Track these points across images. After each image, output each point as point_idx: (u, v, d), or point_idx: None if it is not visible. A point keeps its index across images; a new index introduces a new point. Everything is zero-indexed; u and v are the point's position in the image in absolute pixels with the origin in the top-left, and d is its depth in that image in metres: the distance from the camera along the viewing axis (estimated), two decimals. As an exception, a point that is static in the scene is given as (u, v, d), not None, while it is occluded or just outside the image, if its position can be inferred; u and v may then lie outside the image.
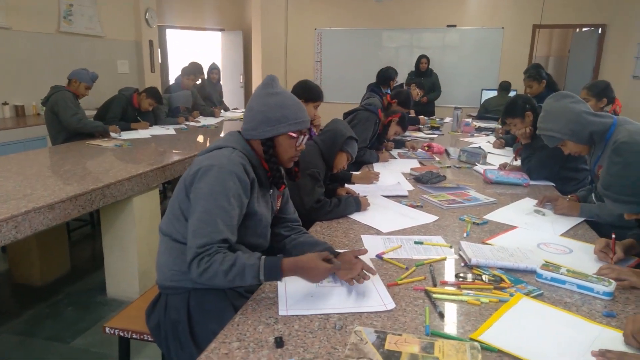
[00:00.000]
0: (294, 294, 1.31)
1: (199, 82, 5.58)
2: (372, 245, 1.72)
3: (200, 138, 4.16)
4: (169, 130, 4.38)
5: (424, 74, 6.57)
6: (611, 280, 1.38)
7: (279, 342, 1.07)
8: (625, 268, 1.49)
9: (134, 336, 1.52)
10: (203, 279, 1.22)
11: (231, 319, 1.18)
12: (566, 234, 1.88)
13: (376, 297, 1.31)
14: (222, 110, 5.92)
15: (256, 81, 9.02)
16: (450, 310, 1.26)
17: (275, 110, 1.40)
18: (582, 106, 1.97)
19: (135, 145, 3.59)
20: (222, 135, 1.46)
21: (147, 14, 6.62)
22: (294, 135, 1.43)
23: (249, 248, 1.44)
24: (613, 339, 1.14)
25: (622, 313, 1.26)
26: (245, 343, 1.08)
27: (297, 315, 1.20)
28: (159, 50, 7.56)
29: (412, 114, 5.09)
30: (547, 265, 1.46)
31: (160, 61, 7.82)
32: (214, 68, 6.00)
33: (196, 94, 5.52)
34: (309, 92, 2.80)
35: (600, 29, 7.37)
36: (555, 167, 2.68)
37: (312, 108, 2.80)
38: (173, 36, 8.82)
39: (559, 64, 9.45)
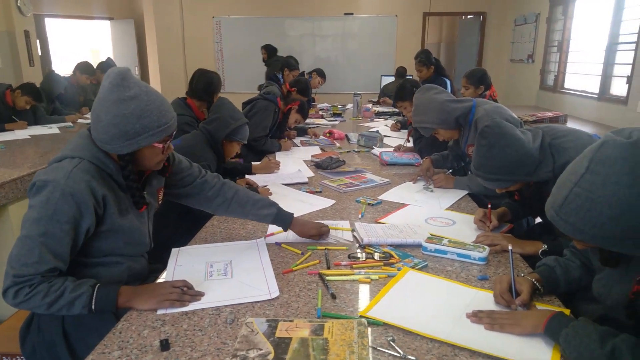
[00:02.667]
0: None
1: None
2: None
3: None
4: (51, 129, 3.98)
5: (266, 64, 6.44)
6: (486, 246, 1.50)
7: (165, 345, 1.02)
8: (498, 234, 1.64)
9: (4, 359, 1.37)
10: (21, 308, 1.14)
11: (113, 328, 1.10)
12: (451, 208, 2.02)
13: (263, 286, 1.30)
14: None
15: (153, 74, 8.54)
16: (343, 291, 1.29)
17: (134, 122, 1.17)
18: (445, 95, 2.19)
19: (10, 148, 3.22)
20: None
21: (18, 1, 5.93)
22: (158, 147, 1.27)
23: (129, 257, 1.35)
24: (485, 299, 1.24)
25: (494, 275, 1.38)
26: (127, 351, 1.01)
27: (185, 314, 1.16)
28: (37, 41, 6.84)
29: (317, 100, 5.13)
30: (431, 238, 1.56)
31: (40, 53, 7.09)
32: (111, 67, 5.60)
33: (87, 89, 5.11)
34: (217, 89, 2.81)
35: (481, 17, 8.00)
36: (442, 146, 2.86)
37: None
38: (54, 26, 8.02)
39: (449, 49, 10.13)
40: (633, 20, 4.41)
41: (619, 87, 4.73)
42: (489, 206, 1.77)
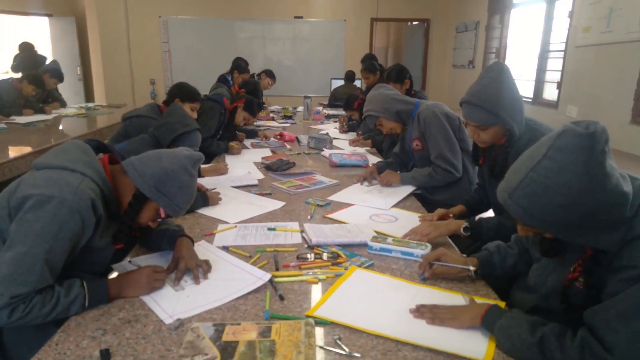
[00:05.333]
0: (167, 302, 1.23)
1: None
2: (224, 237, 1.70)
3: (26, 139, 3.63)
4: (-18, 131, 3.73)
5: None
6: (428, 244, 1.56)
7: (105, 355, 0.98)
8: (425, 224, 1.71)
9: None
10: (14, 325, 1.08)
11: (49, 340, 1.05)
12: (396, 206, 2.09)
13: (248, 275, 1.35)
14: (53, 107, 5.23)
15: (97, 74, 8.17)
16: (291, 292, 1.30)
17: (174, 187, 1.28)
18: (393, 93, 2.43)
19: None
20: (65, 142, 1.25)
21: (-58, -6, 5.50)
22: (161, 214, 1.33)
23: (84, 274, 1.29)
24: (427, 295, 1.29)
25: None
26: (64, 363, 0.97)
27: (128, 322, 1.12)
28: (-35, 37, 6.38)
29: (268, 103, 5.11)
30: (376, 237, 1.60)
31: (-32, 51, 6.62)
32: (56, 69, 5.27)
33: (30, 97, 4.84)
34: (183, 91, 2.77)
35: (425, 23, 8.29)
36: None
37: (189, 109, 2.72)
38: (-16, 21, 7.51)
39: (396, 54, 10.41)
40: (562, 29, 4.73)
41: (550, 92, 5.05)
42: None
